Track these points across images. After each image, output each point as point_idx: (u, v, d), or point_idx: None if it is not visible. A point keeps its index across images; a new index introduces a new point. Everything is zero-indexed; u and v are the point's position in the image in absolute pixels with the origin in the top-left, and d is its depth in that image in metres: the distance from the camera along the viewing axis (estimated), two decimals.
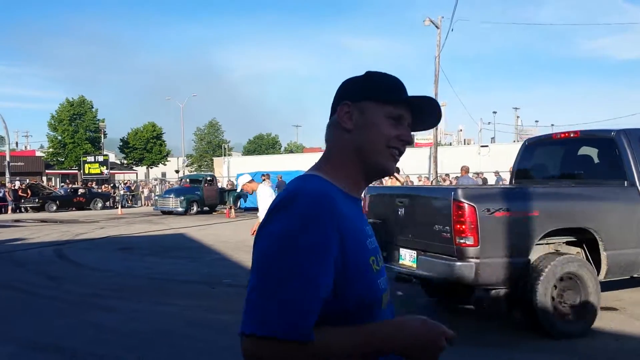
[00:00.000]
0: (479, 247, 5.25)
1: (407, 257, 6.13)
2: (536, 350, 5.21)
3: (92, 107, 50.39)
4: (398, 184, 13.40)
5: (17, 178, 36.94)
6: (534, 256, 5.52)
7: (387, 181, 13.73)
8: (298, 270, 1.09)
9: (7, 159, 36.88)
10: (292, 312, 1.07)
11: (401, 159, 1.37)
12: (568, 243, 5.90)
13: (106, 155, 46.22)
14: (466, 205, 5.27)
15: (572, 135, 7.00)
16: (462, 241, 5.30)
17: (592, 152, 6.98)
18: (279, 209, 1.17)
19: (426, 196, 6.40)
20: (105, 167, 43.07)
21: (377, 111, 1.29)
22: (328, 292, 1.12)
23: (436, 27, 27.71)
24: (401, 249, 6.23)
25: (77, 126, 48.83)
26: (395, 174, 13.47)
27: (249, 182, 7.96)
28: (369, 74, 1.35)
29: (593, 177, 6.62)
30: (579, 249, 5.92)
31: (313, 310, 1.09)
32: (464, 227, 5.28)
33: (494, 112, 65.12)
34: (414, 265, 5.98)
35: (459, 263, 5.30)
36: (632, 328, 5.84)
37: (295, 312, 1.07)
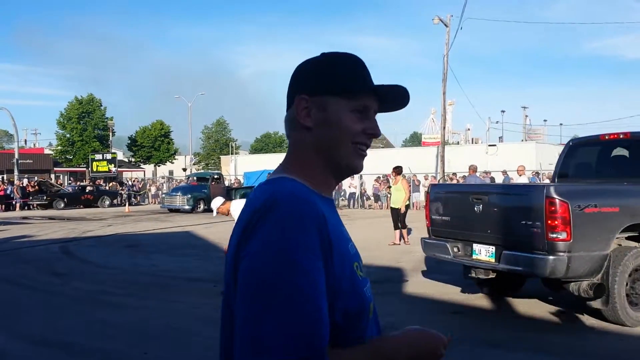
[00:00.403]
0: (571, 241, 5.50)
1: (483, 253, 6.39)
2: (539, 350, 5.19)
3: (101, 106, 50.63)
4: (404, 184, 13.31)
5: (25, 175, 37.17)
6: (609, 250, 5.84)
7: (399, 181, 13.45)
8: (296, 285, 0.96)
9: (16, 156, 37.14)
10: (301, 334, 0.95)
11: (409, 158, 1.32)
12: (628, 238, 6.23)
13: (114, 153, 46.41)
14: (559, 201, 5.50)
15: (621, 136, 7.28)
16: (554, 236, 5.53)
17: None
18: (258, 219, 1.02)
19: (512, 193, 6.69)
20: (113, 165, 43.24)
21: (340, 106, 1.16)
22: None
23: (445, 25, 27.65)
24: (475, 245, 6.48)
25: (85, 124, 49.06)
26: (394, 172, 13.38)
27: (222, 204, 7.53)
28: (326, 60, 1.20)
29: None
30: (637, 243, 6.18)
31: (323, 328, 0.98)
32: (556, 222, 5.51)
33: (502, 111, 64.89)
34: (492, 260, 6.25)
35: (552, 257, 5.53)
36: (637, 328, 5.81)
37: (305, 334, 0.95)
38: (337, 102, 1.16)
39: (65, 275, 9.47)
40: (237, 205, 7.28)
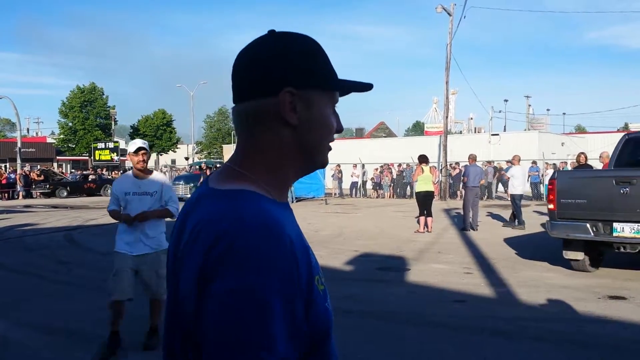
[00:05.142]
0: None
1: (627, 230, 7.18)
2: (541, 339, 5.20)
3: (103, 94, 50.61)
4: (429, 172, 13.21)
5: (27, 164, 37.21)
6: None
7: (420, 170, 13.31)
8: (267, 333, 0.84)
9: (19, 145, 37.17)
10: None
11: (411, 147, 1.24)
12: None
13: (116, 141, 46.47)
14: None
15: None
16: None
17: None
18: (222, 256, 0.86)
19: None
20: (115, 154, 43.31)
21: (325, 102, 1.04)
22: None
23: (448, 14, 27.45)
24: (616, 223, 7.23)
25: (87, 113, 49.08)
26: (423, 164, 13.29)
27: None
28: (303, 46, 1.04)
29: None
30: None
31: None
32: None
33: (505, 101, 64.97)
34: (638, 236, 7.11)
35: None
36: None
37: None
38: (324, 97, 1.03)
39: (69, 263, 9.50)
40: None
